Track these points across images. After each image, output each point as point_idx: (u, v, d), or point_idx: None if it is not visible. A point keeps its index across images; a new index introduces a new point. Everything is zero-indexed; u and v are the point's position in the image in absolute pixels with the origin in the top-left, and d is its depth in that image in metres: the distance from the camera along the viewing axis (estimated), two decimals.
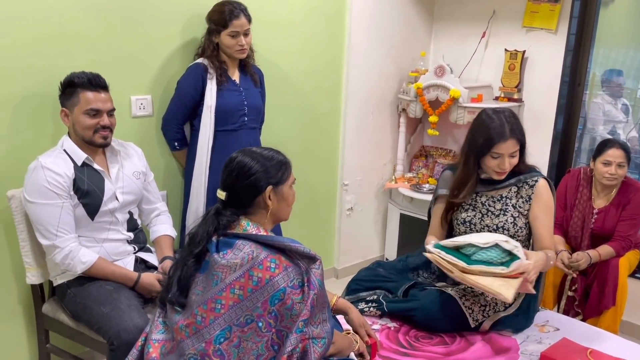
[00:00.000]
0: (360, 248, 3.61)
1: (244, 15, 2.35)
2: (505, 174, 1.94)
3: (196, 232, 1.47)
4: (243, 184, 1.44)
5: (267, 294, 1.33)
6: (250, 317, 1.34)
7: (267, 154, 1.49)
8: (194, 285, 1.44)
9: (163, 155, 2.53)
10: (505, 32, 3.28)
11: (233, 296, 1.35)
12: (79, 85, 1.87)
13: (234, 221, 1.45)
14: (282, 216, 1.53)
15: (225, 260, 1.37)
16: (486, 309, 1.91)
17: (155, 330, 1.50)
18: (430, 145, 3.72)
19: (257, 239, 1.41)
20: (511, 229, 1.95)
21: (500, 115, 1.90)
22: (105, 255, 1.95)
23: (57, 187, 1.82)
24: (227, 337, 1.35)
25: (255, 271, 1.34)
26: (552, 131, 3.17)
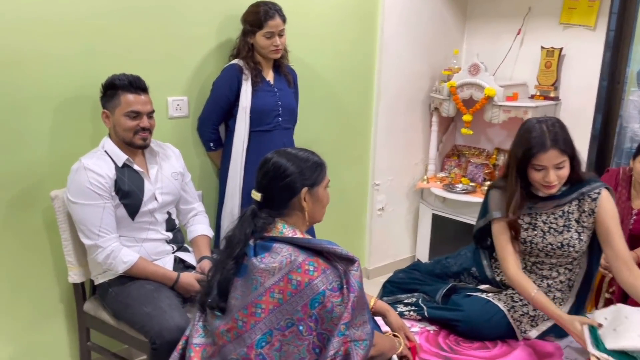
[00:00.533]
0: (391, 248, 3.59)
1: (279, 16, 2.35)
2: (555, 187, 1.78)
3: (233, 235, 1.46)
4: (278, 185, 1.43)
5: (306, 298, 1.33)
6: (291, 321, 1.34)
7: (303, 155, 1.47)
8: (233, 289, 1.43)
9: (198, 156, 2.55)
10: (541, 29, 3.21)
11: (273, 300, 1.34)
12: (120, 87, 1.89)
13: (270, 223, 1.44)
14: (316, 218, 1.51)
15: (263, 265, 1.37)
16: (534, 319, 1.86)
17: (195, 334, 1.50)
18: (462, 144, 3.67)
19: (294, 241, 1.40)
20: (577, 245, 1.84)
21: (542, 125, 1.77)
22: (145, 254, 1.98)
23: (99, 188, 1.85)
24: (268, 341, 1.35)
25: (294, 275, 1.34)
26: (590, 130, 3.09)
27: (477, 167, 3.48)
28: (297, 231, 1.44)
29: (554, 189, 1.79)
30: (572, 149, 1.77)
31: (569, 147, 1.76)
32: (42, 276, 2.18)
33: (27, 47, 1.97)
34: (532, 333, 1.86)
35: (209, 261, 2.08)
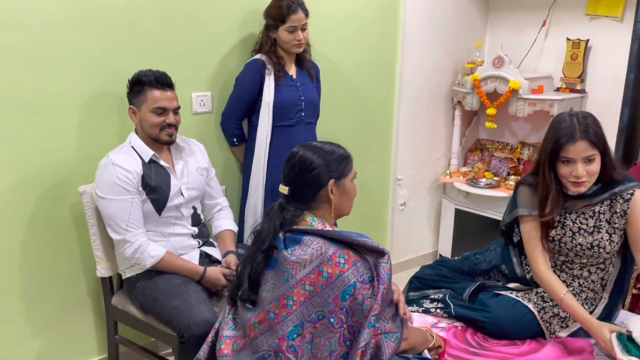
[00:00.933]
0: (413, 243, 3.57)
1: (301, 10, 2.34)
2: (583, 185, 1.71)
3: (262, 229, 1.47)
4: (305, 178, 1.43)
5: (337, 290, 1.33)
6: (322, 313, 1.34)
7: (328, 148, 1.48)
8: (263, 282, 1.44)
9: (222, 151, 2.56)
10: (567, 21, 3.16)
11: (304, 292, 1.35)
12: (147, 83, 1.90)
13: (298, 216, 1.45)
14: (344, 210, 1.51)
15: (294, 257, 1.37)
16: (565, 320, 1.83)
17: (225, 327, 1.51)
18: (485, 138, 3.63)
19: (324, 234, 1.40)
20: (607, 246, 1.79)
21: (572, 117, 1.71)
22: (171, 249, 1.99)
23: (127, 183, 1.87)
24: (299, 333, 1.36)
25: (324, 267, 1.34)
26: (617, 123, 3.03)
27: (501, 161, 3.44)
28: (326, 224, 1.45)
29: (583, 187, 1.72)
30: (603, 144, 1.71)
31: (600, 141, 1.69)
32: (71, 270, 2.21)
33: (54, 43, 1.99)
34: (561, 333, 1.83)
35: (234, 256, 2.09)
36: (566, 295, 1.74)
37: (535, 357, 1.69)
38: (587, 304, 1.86)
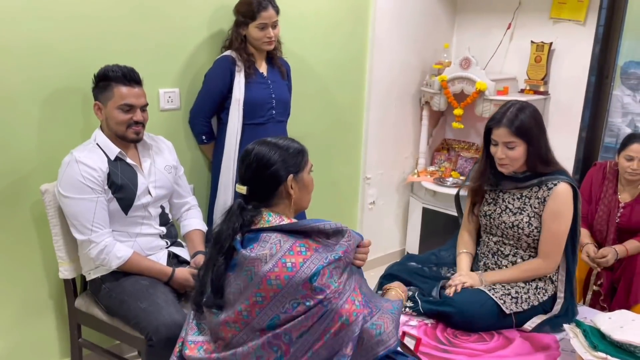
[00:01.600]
0: (382, 241, 3.60)
1: (272, 7, 2.32)
2: (505, 167, 1.93)
3: (221, 230, 1.42)
4: (263, 175, 1.40)
5: (305, 276, 1.31)
6: (296, 301, 1.31)
7: (283, 142, 1.46)
8: (227, 285, 1.41)
9: (190, 149, 2.51)
10: (531, 24, 3.23)
11: (271, 287, 1.32)
12: (114, 79, 1.85)
13: (257, 215, 1.42)
14: (303, 204, 1.50)
15: (254, 254, 1.34)
16: (518, 300, 1.90)
17: (190, 332, 1.48)
18: (452, 138, 3.68)
19: (281, 227, 1.39)
20: (526, 228, 1.94)
21: (509, 105, 1.92)
22: (138, 249, 1.94)
23: (92, 182, 1.81)
24: (277, 324, 1.34)
25: (287, 258, 1.32)
26: (579, 124, 3.13)
27: (467, 160, 3.50)
28: (283, 217, 1.43)
29: (504, 167, 1.94)
30: (528, 135, 1.86)
31: (524, 133, 1.86)
32: (32, 272, 2.13)
33: (15, 35, 1.91)
34: (527, 325, 1.88)
35: (204, 256, 2.05)
36: (461, 255, 2.10)
37: (503, 354, 1.73)
38: (539, 294, 1.94)
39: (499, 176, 2.02)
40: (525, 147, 1.88)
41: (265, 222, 1.41)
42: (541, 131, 1.92)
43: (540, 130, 1.92)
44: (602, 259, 2.46)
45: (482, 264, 2.08)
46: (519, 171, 1.97)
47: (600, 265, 2.50)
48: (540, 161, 1.91)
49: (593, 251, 2.51)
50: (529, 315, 1.90)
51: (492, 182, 2.04)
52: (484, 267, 2.07)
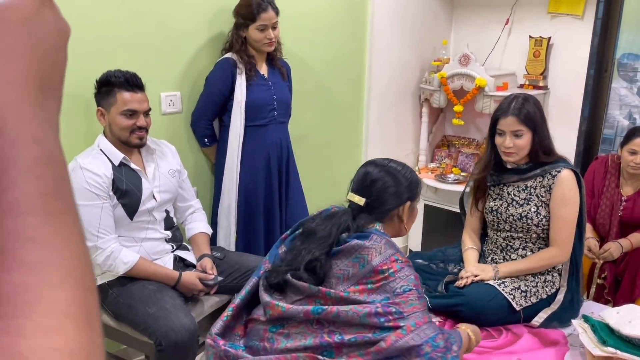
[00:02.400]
0: None
1: (271, 8, 2.31)
2: (512, 156, 1.94)
3: (321, 229, 1.44)
4: (387, 194, 1.46)
5: (413, 271, 1.37)
6: (408, 286, 1.33)
7: (404, 170, 1.53)
8: (329, 269, 1.41)
9: (193, 152, 2.51)
10: (529, 19, 3.24)
11: (383, 276, 1.34)
12: (116, 84, 1.85)
13: (368, 224, 1.46)
14: (403, 231, 1.56)
15: (369, 243, 1.38)
16: (527, 294, 1.92)
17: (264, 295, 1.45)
18: (452, 134, 3.69)
19: (390, 239, 1.44)
20: (534, 218, 1.96)
21: (515, 98, 1.96)
22: (144, 254, 1.95)
23: (97, 188, 1.81)
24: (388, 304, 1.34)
25: (398, 256, 1.37)
26: (578, 118, 3.14)
27: (468, 157, 3.51)
28: (386, 233, 1.48)
29: (511, 157, 1.95)
30: (534, 124, 1.91)
31: (530, 120, 1.91)
32: None
33: None
34: (535, 321, 1.89)
35: (209, 259, 2.06)
36: (467, 250, 2.11)
37: (512, 350, 1.74)
38: (547, 287, 1.96)
39: (501, 170, 2.04)
40: (531, 136, 1.93)
41: (374, 229, 1.45)
42: (544, 121, 1.98)
43: (543, 119, 1.97)
44: (605, 253, 2.47)
45: (489, 260, 2.09)
46: (521, 163, 1.99)
47: (604, 259, 2.51)
48: (543, 150, 1.95)
49: (594, 245, 2.52)
50: (535, 308, 1.91)
51: (495, 177, 2.06)
52: (492, 263, 2.07)
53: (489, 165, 2.06)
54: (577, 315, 1.93)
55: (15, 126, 0.34)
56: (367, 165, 1.54)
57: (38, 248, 0.33)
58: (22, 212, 0.33)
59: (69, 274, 0.33)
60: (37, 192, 0.33)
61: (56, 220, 0.34)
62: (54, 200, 0.35)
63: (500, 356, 1.68)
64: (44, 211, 0.34)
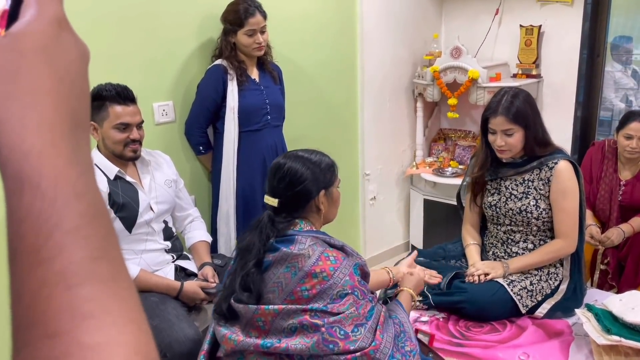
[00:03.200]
0: (385, 236, 3.60)
1: (259, 13, 2.31)
2: (505, 153, 1.94)
3: (251, 242, 1.43)
4: (296, 190, 1.43)
5: (349, 267, 1.35)
6: (343, 292, 1.32)
7: (315, 158, 1.48)
8: (263, 286, 1.40)
9: (188, 161, 2.51)
10: (519, 8, 3.23)
11: (317, 280, 1.32)
12: (108, 98, 1.84)
13: (289, 224, 1.44)
14: (331, 217, 1.53)
15: (296, 250, 1.36)
16: (534, 293, 1.90)
17: (218, 331, 1.46)
18: (448, 128, 3.68)
19: (316, 235, 1.42)
20: (534, 211, 1.95)
21: (504, 95, 1.94)
22: (145, 266, 1.94)
23: None
24: (326, 311, 1.33)
25: (328, 252, 1.36)
26: (573, 104, 3.13)
27: (465, 149, 3.50)
28: (312, 227, 1.46)
29: (504, 154, 1.95)
30: (525, 121, 1.89)
31: (520, 118, 1.89)
32: None
33: None
34: (538, 313, 1.88)
35: (211, 267, 2.06)
36: (469, 246, 2.10)
37: (517, 343, 1.73)
38: (551, 279, 1.96)
39: (498, 164, 2.03)
40: (523, 132, 1.91)
41: (298, 229, 1.43)
42: (536, 114, 1.95)
43: (535, 113, 1.95)
44: (608, 241, 2.47)
45: (490, 254, 2.09)
46: (517, 156, 1.98)
47: (606, 246, 2.51)
48: (537, 144, 1.93)
49: (596, 232, 2.52)
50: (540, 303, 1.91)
51: (492, 171, 2.05)
52: (493, 257, 2.07)
53: (486, 163, 2.05)
54: (580, 304, 1.92)
55: (54, 180, 0.30)
56: (277, 159, 1.49)
57: (99, 325, 0.29)
58: (75, 283, 0.29)
59: (135, 351, 0.30)
60: (87, 256, 0.30)
61: (112, 288, 0.30)
62: (106, 264, 0.31)
63: (505, 350, 1.68)
64: (99, 278, 0.30)
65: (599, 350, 1.56)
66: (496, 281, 1.92)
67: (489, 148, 2.02)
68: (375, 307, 1.37)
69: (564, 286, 1.95)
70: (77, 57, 0.35)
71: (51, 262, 0.29)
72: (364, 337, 1.30)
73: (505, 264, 1.96)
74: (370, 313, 1.34)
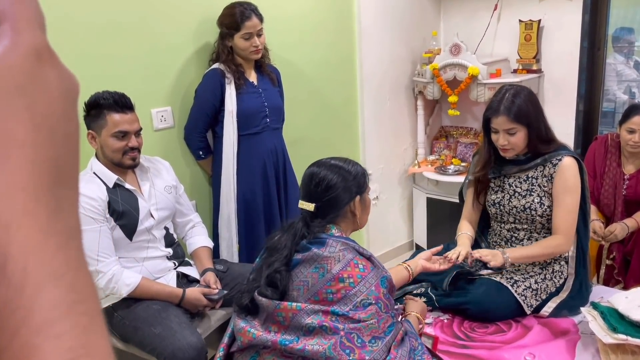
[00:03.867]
0: (389, 235, 3.58)
1: (255, 16, 2.29)
2: (508, 152, 1.92)
3: (281, 242, 1.46)
4: (332, 195, 1.46)
5: (376, 278, 1.38)
6: (367, 301, 1.34)
7: (349, 166, 1.53)
8: (290, 282, 1.42)
9: (188, 166, 2.50)
10: (518, 3, 3.20)
11: (344, 285, 1.35)
12: (105, 106, 1.83)
13: (323, 229, 1.47)
14: (362, 223, 1.57)
15: (327, 252, 1.38)
16: (538, 292, 1.88)
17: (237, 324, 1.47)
18: (449, 125, 3.66)
19: (346, 242, 1.44)
20: (538, 209, 1.93)
21: (505, 93, 1.91)
22: (146, 274, 1.94)
23: (93, 212, 1.80)
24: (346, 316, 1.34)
25: (358, 260, 1.38)
26: (575, 99, 3.10)
27: (467, 146, 3.48)
28: (343, 233, 1.49)
29: (508, 153, 1.93)
30: (527, 119, 1.86)
31: (522, 117, 1.86)
32: None
33: None
34: (543, 312, 1.87)
35: (213, 273, 2.05)
36: (462, 234, 2.05)
37: (523, 343, 1.72)
38: (555, 277, 1.94)
39: (501, 162, 2.01)
40: (526, 131, 1.88)
41: (329, 233, 1.46)
42: (539, 112, 1.92)
43: (537, 111, 1.91)
44: (611, 236, 2.45)
45: None
46: (520, 154, 1.96)
47: (609, 241, 2.49)
48: (541, 141, 1.91)
49: (599, 227, 2.49)
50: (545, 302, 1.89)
51: (495, 169, 2.02)
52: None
53: (489, 162, 2.02)
54: (586, 302, 1.90)
55: (23, 260, 0.24)
56: (311, 167, 1.53)
57: None
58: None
59: None
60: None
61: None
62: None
63: (511, 350, 1.67)
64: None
65: (605, 349, 1.54)
66: (499, 282, 1.90)
67: (492, 146, 1.99)
68: (396, 324, 1.38)
69: (570, 283, 1.93)
70: (60, 94, 0.29)
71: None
72: (380, 350, 1.32)
73: (505, 253, 1.94)
74: (390, 329, 1.35)
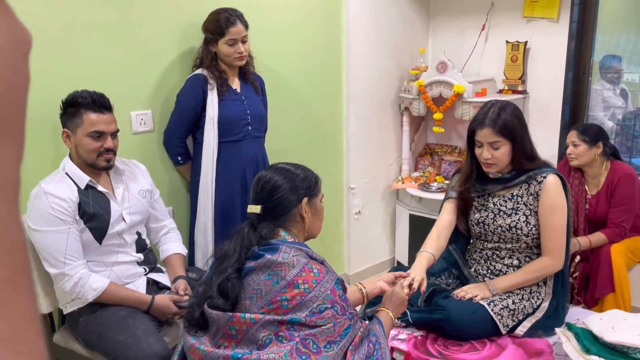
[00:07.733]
0: (370, 252, 3.55)
1: (240, 22, 2.28)
2: (491, 167, 1.89)
3: (230, 250, 1.41)
4: (277, 196, 1.43)
5: (331, 281, 1.34)
6: (324, 305, 1.31)
7: (297, 169, 1.50)
8: (241, 292, 1.37)
9: (167, 171, 2.45)
10: (505, 24, 3.23)
11: (299, 291, 1.31)
12: (83, 105, 1.80)
13: (273, 231, 1.43)
14: (314, 231, 1.53)
15: (281, 259, 1.35)
16: (515, 312, 1.85)
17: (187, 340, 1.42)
18: (434, 142, 3.66)
19: (300, 247, 1.40)
20: (524, 228, 1.89)
21: (492, 107, 1.89)
22: (115, 279, 1.88)
23: (62, 213, 1.75)
24: (301, 323, 1.30)
25: (312, 265, 1.35)
26: (559, 121, 3.12)
27: (451, 164, 3.47)
28: (296, 239, 1.45)
29: (491, 168, 1.90)
30: (512, 134, 1.84)
31: (507, 131, 1.83)
32: None
33: None
34: (518, 331, 1.83)
35: (184, 280, 2.00)
36: (422, 253, 1.92)
37: None
38: (533, 298, 1.90)
39: (485, 180, 1.98)
40: (510, 146, 1.86)
41: (282, 239, 1.42)
42: (524, 128, 1.90)
43: (522, 127, 1.90)
44: None
45: (472, 271, 2.04)
46: (504, 171, 1.93)
47: None
48: (525, 158, 1.89)
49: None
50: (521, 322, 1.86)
51: (479, 187, 1.99)
52: (475, 274, 2.02)
53: (471, 177, 1.99)
54: (562, 323, 1.87)
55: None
56: (260, 174, 1.50)
57: None
58: None
59: None
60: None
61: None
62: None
63: None
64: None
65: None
66: (481, 304, 1.85)
67: (475, 162, 1.97)
68: (353, 326, 1.34)
69: (546, 304, 1.90)
70: (8, 44, 0.27)
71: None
72: (335, 355, 1.29)
73: (492, 285, 1.89)
74: (345, 332, 1.32)
